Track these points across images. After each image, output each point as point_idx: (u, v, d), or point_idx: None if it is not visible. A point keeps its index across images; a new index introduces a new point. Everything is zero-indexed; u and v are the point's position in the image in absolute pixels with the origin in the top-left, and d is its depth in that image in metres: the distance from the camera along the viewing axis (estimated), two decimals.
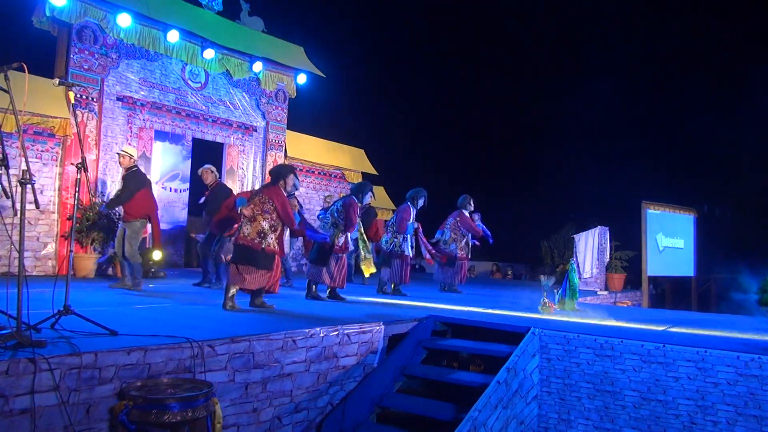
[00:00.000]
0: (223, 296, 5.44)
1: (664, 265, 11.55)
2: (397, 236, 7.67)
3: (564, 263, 11.75)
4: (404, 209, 7.74)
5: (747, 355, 4.11)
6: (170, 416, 3.00)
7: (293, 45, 12.22)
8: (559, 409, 4.76)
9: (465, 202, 8.61)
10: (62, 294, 3.71)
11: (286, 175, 5.73)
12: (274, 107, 11.72)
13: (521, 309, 6.63)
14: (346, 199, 6.76)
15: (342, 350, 4.56)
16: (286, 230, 6.39)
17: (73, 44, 8.81)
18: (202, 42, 10.21)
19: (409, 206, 7.75)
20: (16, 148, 7.76)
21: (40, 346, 3.01)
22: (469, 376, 4.89)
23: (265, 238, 5.42)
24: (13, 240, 3.18)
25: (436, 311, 5.83)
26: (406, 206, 7.76)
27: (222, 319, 4.68)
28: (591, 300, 9.18)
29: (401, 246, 7.64)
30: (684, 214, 12.36)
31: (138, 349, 3.29)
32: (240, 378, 3.79)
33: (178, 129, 10.29)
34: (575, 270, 6.97)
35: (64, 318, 3.65)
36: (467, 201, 8.61)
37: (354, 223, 6.65)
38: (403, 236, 7.64)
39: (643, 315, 6.98)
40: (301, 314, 5.27)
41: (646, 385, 4.41)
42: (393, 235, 7.73)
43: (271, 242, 5.45)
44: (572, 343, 4.76)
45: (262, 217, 5.45)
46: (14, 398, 2.77)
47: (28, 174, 3.15)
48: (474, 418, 3.98)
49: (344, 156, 13.39)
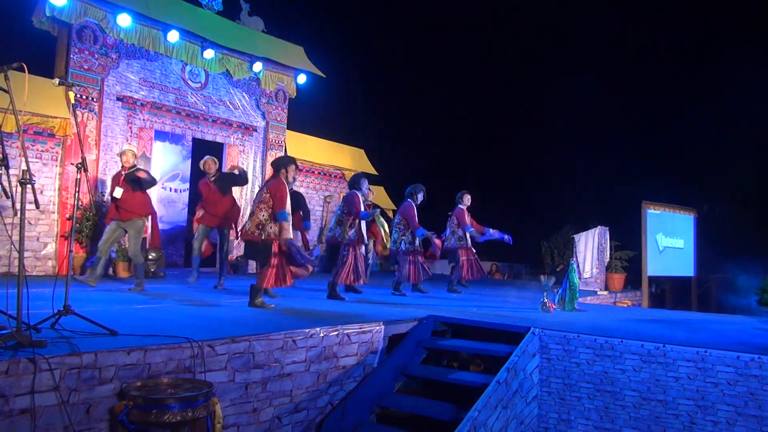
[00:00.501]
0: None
1: (664, 265, 11.55)
2: (406, 234, 7.75)
3: (564, 263, 11.77)
4: (410, 206, 7.80)
5: (747, 355, 4.11)
6: (170, 416, 3.00)
7: (293, 45, 12.22)
8: (559, 409, 4.76)
9: (459, 197, 8.76)
10: (62, 294, 3.72)
11: (287, 165, 5.84)
12: (274, 107, 11.73)
13: (521, 309, 6.63)
14: (346, 195, 6.97)
15: (342, 350, 4.56)
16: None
17: (73, 44, 8.82)
18: (202, 42, 10.21)
19: (411, 203, 7.85)
20: (16, 148, 7.76)
21: (40, 346, 3.01)
22: (469, 376, 4.89)
23: (264, 229, 5.45)
24: (13, 240, 3.18)
25: (436, 311, 5.83)
26: (409, 204, 7.83)
27: (222, 319, 4.68)
28: (591, 300, 9.18)
29: (412, 244, 7.73)
30: (684, 214, 12.36)
31: (138, 349, 3.29)
32: (240, 378, 3.79)
33: (178, 129, 10.29)
34: (575, 270, 6.97)
35: (64, 318, 3.65)
36: (461, 196, 8.76)
37: (359, 211, 6.81)
38: (412, 234, 7.74)
39: (643, 315, 6.98)
40: (301, 314, 5.27)
41: (646, 385, 4.41)
42: (400, 234, 7.79)
43: (271, 232, 5.47)
44: (572, 343, 4.76)
45: (259, 208, 5.50)
46: (14, 398, 2.77)
47: (28, 174, 3.16)
48: (474, 418, 3.98)
49: (344, 156, 13.39)
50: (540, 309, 6.53)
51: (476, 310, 6.24)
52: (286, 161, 5.90)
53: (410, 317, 5.37)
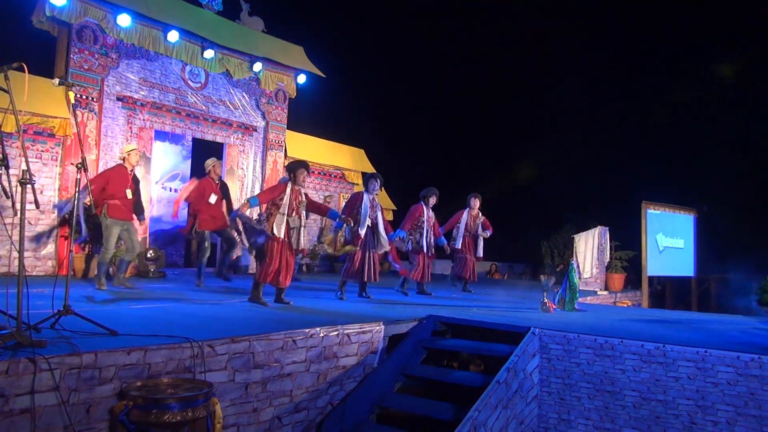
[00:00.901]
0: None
1: (664, 265, 11.55)
2: (413, 234, 7.92)
3: (564, 263, 11.77)
4: (414, 207, 8.06)
5: (747, 355, 4.11)
6: (170, 416, 3.00)
7: (293, 45, 12.21)
8: (559, 409, 4.76)
9: (469, 199, 8.99)
10: (62, 294, 3.72)
11: (294, 170, 6.08)
12: (274, 107, 11.72)
13: (521, 309, 6.63)
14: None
15: (342, 350, 4.56)
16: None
17: (73, 44, 8.81)
18: (202, 42, 10.21)
19: (419, 204, 8.06)
20: (16, 148, 7.76)
21: (40, 346, 3.01)
22: (469, 376, 4.89)
23: (260, 223, 5.69)
24: (13, 240, 3.18)
25: (436, 311, 5.83)
26: (416, 205, 8.07)
27: (222, 319, 4.68)
28: (591, 300, 9.18)
29: (418, 242, 7.88)
30: (684, 214, 12.36)
31: (138, 349, 3.29)
32: (240, 378, 3.79)
33: (178, 129, 10.29)
34: (575, 270, 6.97)
35: (64, 318, 3.65)
36: (470, 198, 8.97)
37: (345, 211, 7.11)
38: (419, 233, 7.90)
39: (643, 315, 6.98)
40: (301, 314, 5.27)
41: (646, 385, 4.41)
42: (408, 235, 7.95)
43: (264, 227, 5.75)
44: (572, 343, 4.76)
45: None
46: (14, 398, 2.77)
47: (28, 174, 3.15)
48: (474, 418, 3.98)
49: (344, 156, 13.39)
50: (540, 309, 6.53)
51: (476, 310, 6.24)
52: (292, 167, 6.14)
53: (410, 317, 5.37)
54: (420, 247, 7.88)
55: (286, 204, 5.84)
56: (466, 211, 8.90)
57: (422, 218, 7.94)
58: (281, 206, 5.83)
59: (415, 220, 7.93)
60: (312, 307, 5.94)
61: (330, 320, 4.81)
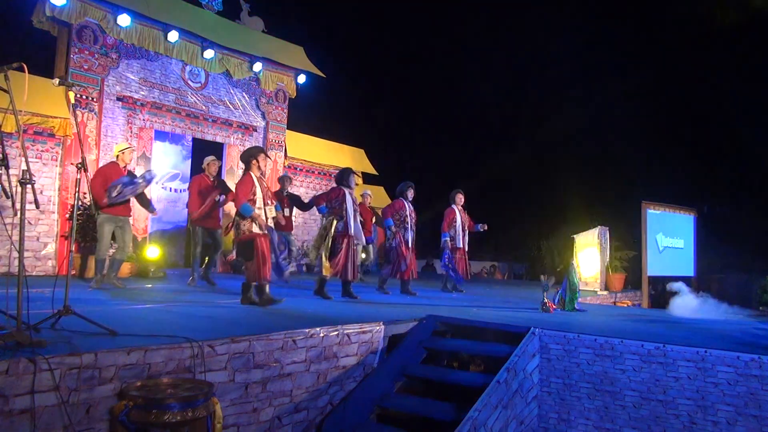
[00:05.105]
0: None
1: (664, 265, 11.54)
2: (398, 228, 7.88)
3: (564, 263, 11.75)
4: (394, 201, 8.07)
5: (747, 355, 4.11)
6: (170, 416, 3.00)
7: (293, 45, 12.21)
8: (559, 409, 4.76)
9: (452, 196, 8.84)
10: (62, 294, 3.71)
11: (256, 155, 5.82)
12: (274, 107, 11.72)
13: (521, 309, 6.63)
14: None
15: (342, 350, 4.56)
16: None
17: (73, 44, 8.81)
18: (202, 42, 10.20)
19: (398, 200, 8.01)
20: (16, 148, 7.76)
21: (40, 346, 3.01)
22: (469, 376, 4.89)
23: (238, 228, 5.55)
24: (13, 240, 3.18)
25: (436, 311, 5.83)
26: (394, 200, 8.08)
27: (222, 319, 4.68)
28: (591, 300, 9.17)
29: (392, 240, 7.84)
30: (684, 214, 12.35)
31: (138, 349, 3.28)
32: (240, 378, 3.79)
33: (178, 129, 10.29)
34: (575, 270, 6.97)
35: (64, 318, 3.65)
36: (453, 195, 8.82)
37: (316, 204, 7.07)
38: (403, 227, 7.85)
39: (643, 315, 6.98)
40: (301, 314, 5.27)
41: (646, 385, 4.41)
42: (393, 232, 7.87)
43: (245, 229, 5.53)
44: (572, 343, 4.76)
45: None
46: (14, 398, 2.76)
47: (28, 174, 3.15)
48: (474, 418, 3.98)
49: (344, 156, 13.38)
50: (540, 309, 6.53)
51: (476, 310, 6.24)
52: (255, 152, 5.86)
53: (410, 317, 5.37)
54: (405, 242, 7.78)
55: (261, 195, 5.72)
56: (456, 209, 8.66)
57: (404, 212, 7.87)
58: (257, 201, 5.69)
59: (395, 212, 7.86)
60: (312, 307, 5.93)
61: (330, 320, 4.81)
